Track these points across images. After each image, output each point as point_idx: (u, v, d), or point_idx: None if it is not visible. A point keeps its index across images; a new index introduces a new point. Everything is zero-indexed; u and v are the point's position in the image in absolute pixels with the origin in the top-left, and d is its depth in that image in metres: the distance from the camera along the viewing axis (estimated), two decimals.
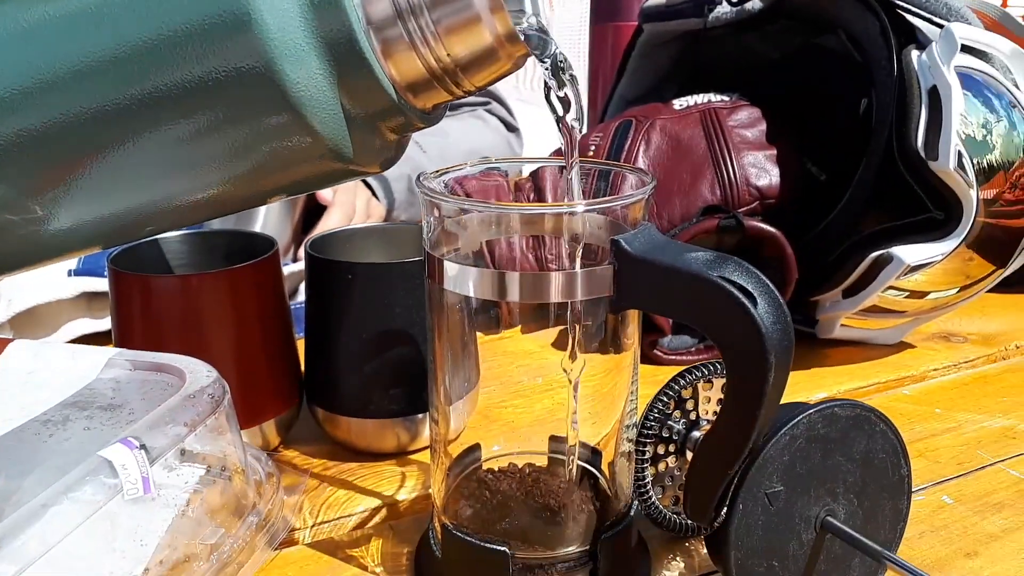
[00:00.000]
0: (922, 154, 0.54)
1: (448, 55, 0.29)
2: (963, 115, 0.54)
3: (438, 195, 0.35)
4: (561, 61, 0.33)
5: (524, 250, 0.34)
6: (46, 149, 0.29)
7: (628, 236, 0.33)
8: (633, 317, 0.37)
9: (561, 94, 0.34)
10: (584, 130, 0.35)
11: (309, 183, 0.31)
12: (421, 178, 0.36)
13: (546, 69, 0.33)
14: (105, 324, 0.66)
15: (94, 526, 0.33)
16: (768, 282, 0.31)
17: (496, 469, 0.41)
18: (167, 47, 0.27)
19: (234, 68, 0.27)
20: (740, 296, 0.30)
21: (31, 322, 0.64)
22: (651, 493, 0.39)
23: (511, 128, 1.12)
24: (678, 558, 0.42)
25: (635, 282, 0.33)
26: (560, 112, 0.34)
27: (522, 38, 0.30)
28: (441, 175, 0.38)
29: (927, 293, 0.60)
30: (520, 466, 0.41)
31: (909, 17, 0.58)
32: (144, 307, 0.46)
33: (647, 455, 0.38)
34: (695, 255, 0.32)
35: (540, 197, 0.56)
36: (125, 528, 0.34)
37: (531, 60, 0.32)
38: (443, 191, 0.37)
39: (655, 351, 0.63)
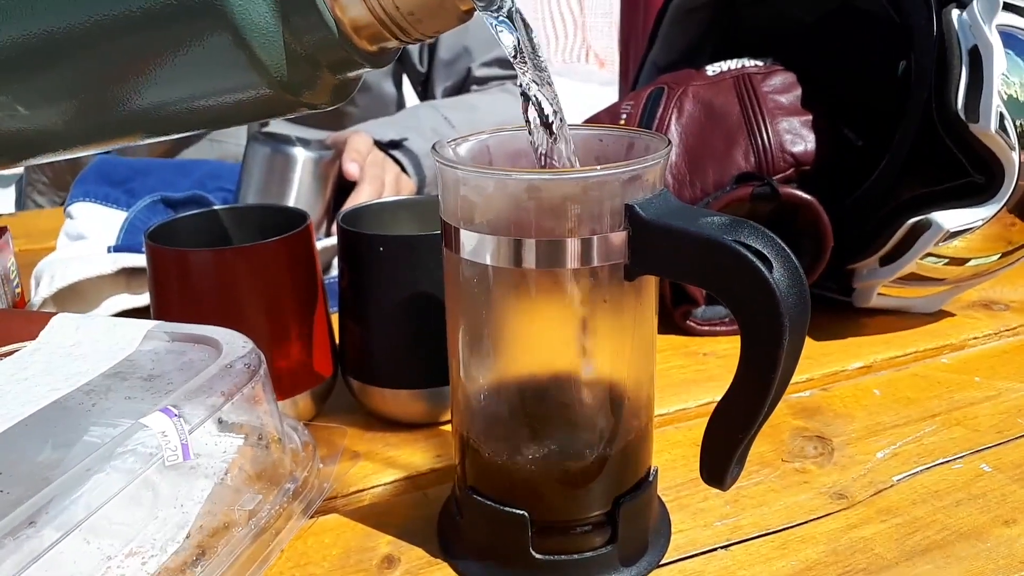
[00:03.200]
0: (962, 116, 0.53)
1: (394, 2, 0.29)
2: (1005, 75, 0.52)
3: (450, 162, 0.35)
4: (515, 15, 0.32)
5: (540, 217, 0.33)
6: (21, 59, 0.31)
7: (642, 201, 0.33)
8: (650, 284, 0.36)
9: (525, 78, 0.33)
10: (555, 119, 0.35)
11: (258, 111, 0.32)
12: (436, 146, 0.36)
13: (495, 27, 0.32)
14: (144, 300, 0.67)
15: (137, 493, 0.34)
16: (784, 246, 0.31)
17: (516, 433, 0.40)
18: None
19: None
20: (755, 260, 0.30)
21: (73, 298, 0.65)
22: None
23: None
24: (698, 520, 0.42)
25: (649, 248, 0.33)
26: (529, 88, 0.33)
27: None
28: (460, 143, 0.38)
29: (967, 260, 0.59)
30: (539, 431, 0.40)
31: None
32: (181, 281, 0.46)
33: None
34: (710, 219, 0.32)
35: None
36: (166, 496, 0.35)
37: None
38: (460, 158, 0.37)
39: (688, 322, 0.62)
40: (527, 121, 0.35)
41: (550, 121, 0.34)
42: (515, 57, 0.33)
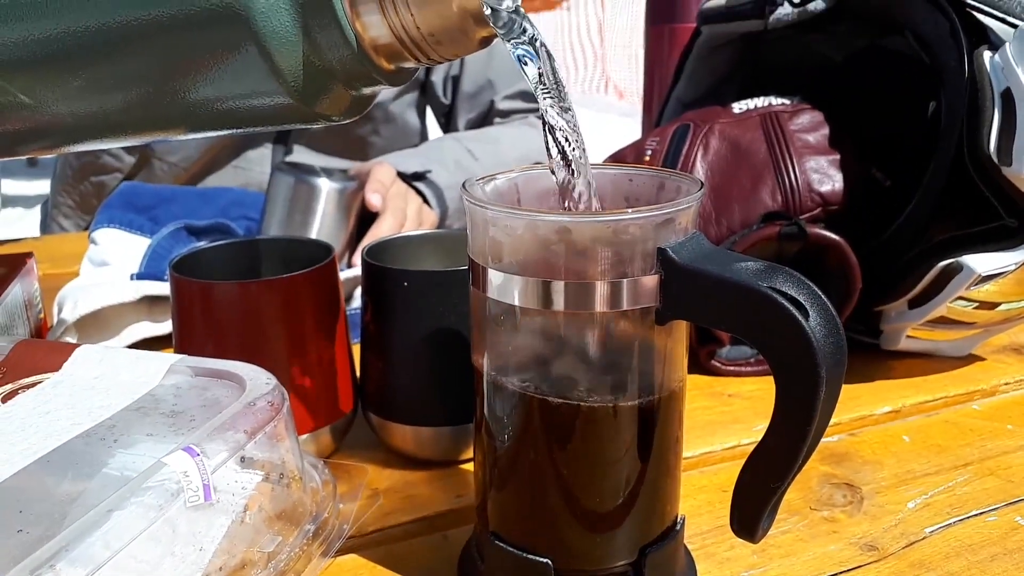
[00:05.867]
0: (994, 159, 0.52)
1: (415, 24, 0.30)
2: None
3: (479, 201, 0.34)
4: (538, 44, 0.32)
5: (570, 259, 0.33)
6: (33, 53, 0.31)
7: (675, 245, 0.32)
8: (681, 328, 0.36)
9: (551, 114, 0.33)
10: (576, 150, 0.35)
11: (274, 118, 0.33)
12: (467, 184, 0.35)
13: (518, 57, 0.32)
14: (165, 328, 0.67)
15: (155, 530, 0.33)
16: (820, 293, 0.30)
17: (541, 478, 0.40)
18: None
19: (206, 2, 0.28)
20: (791, 308, 0.29)
21: (95, 325, 0.66)
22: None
23: None
24: (724, 570, 0.41)
25: (682, 292, 0.32)
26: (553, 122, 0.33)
27: (488, 12, 0.30)
28: (489, 181, 0.38)
29: (998, 304, 0.58)
30: (564, 472, 0.40)
31: (980, 16, 0.56)
32: (204, 313, 0.46)
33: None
34: (745, 265, 0.31)
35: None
36: (184, 533, 0.34)
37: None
38: (489, 197, 0.37)
39: (713, 362, 0.61)
40: (549, 154, 0.35)
41: (569, 155, 0.34)
42: (537, 85, 0.33)
